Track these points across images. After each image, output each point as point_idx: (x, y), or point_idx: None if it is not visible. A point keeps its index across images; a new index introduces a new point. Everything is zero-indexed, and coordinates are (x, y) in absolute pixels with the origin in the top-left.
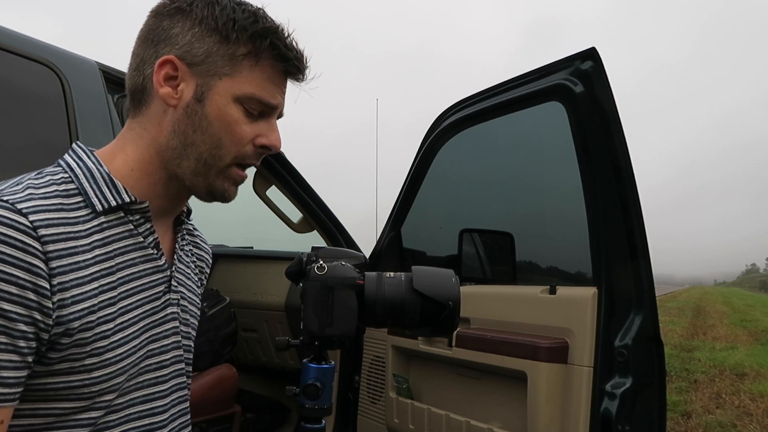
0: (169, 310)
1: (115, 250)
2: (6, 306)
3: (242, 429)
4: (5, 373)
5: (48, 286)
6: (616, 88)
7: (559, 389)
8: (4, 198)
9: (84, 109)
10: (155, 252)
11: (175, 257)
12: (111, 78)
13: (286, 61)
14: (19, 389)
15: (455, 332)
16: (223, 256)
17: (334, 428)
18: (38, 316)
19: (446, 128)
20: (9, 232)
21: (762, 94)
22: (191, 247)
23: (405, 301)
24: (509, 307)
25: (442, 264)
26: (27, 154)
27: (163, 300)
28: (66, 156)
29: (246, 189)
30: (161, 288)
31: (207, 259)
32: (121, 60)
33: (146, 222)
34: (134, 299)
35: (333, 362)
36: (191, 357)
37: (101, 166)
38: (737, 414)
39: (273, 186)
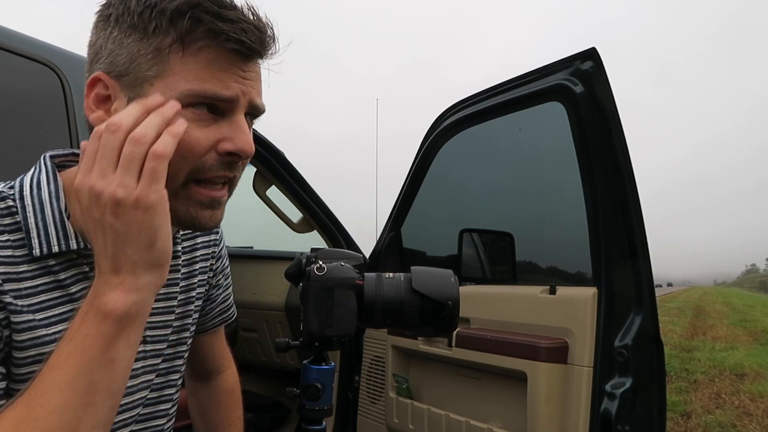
0: None
1: (63, 296)
2: None
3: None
4: None
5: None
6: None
7: (559, 389)
8: None
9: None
10: None
11: None
12: None
13: (221, 37)
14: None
15: (455, 332)
16: None
17: (334, 428)
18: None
19: (446, 128)
20: None
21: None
22: (188, 249)
23: (404, 301)
24: (509, 307)
25: (442, 264)
26: (27, 154)
27: None
28: (28, 174)
29: (246, 189)
30: None
31: (212, 241)
32: None
33: None
34: None
35: (333, 363)
36: (170, 386)
37: (57, 200)
38: (737, 414)
39: (273, 186)
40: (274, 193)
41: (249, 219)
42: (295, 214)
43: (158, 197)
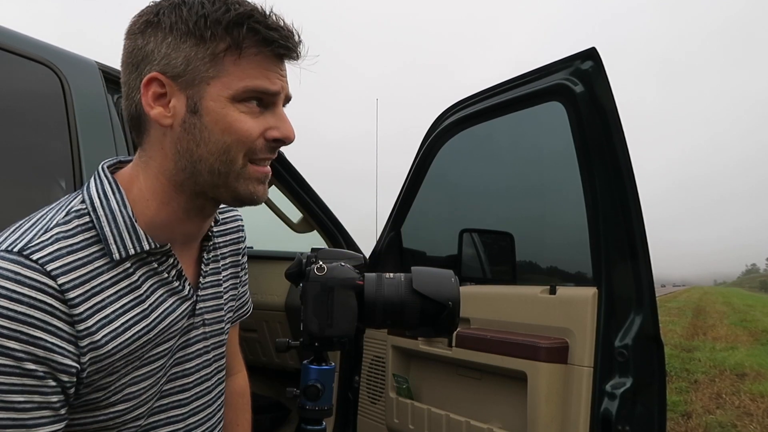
0: (193, 333)
1: (143, 294)
2: (32, 366)
3: None
4: (43, 430)
5: (75, 349)
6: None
7: (559, 389)
8: (32, 256)
9: (84, 109)
10: (179, 283)
11: (201, 276)
12: (111, 78)
13: (272, 43)
14: None
15: (455, 332)
16: None
17: (334, 428)
18: (64, 378)
19: (446, 128)
20: (36, 295)
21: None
22: (221, 244)
23: (405, 301)
24: (509, 307)
25: (442, 264)
26: (27, 154)
27: (186, 325)
28: (92, 187)
29: None
30: (187, 315)
31: (238, 228)
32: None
33: (168, 258)
34: (165, 335)
35: (333, 363)
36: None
37: (125, 207)
38: (737, 414)
39: (273, 186)
40: (274, 193)
41: (249, 219)
42: (295, 214)
43: None
